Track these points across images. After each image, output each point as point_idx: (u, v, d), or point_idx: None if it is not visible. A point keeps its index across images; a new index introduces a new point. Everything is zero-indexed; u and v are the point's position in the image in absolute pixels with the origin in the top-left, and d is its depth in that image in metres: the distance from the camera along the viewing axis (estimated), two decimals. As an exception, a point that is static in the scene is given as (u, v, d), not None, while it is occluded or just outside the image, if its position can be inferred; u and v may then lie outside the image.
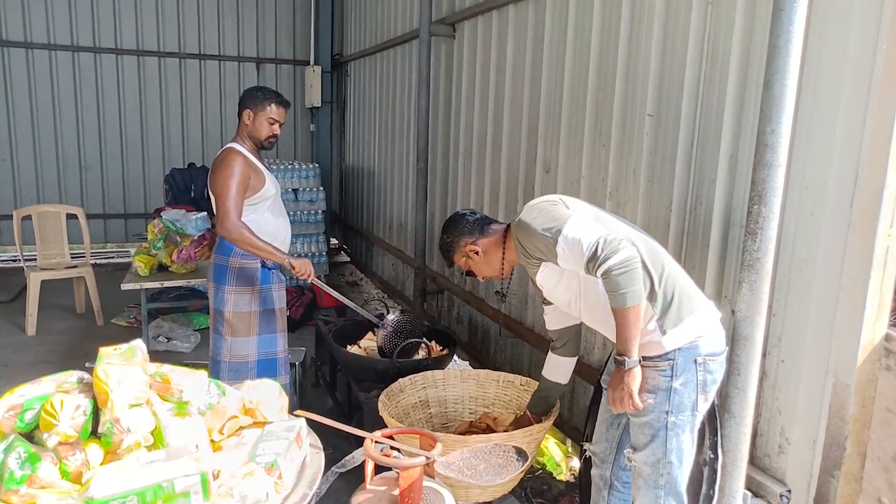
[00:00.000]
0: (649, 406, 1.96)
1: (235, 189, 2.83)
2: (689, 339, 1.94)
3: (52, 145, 7.60)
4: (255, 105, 2.97)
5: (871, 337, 1.92)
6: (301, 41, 8.36)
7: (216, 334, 3.05)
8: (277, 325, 3.10)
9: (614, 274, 1.80)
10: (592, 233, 1.87)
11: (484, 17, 4.12)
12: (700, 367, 1.95)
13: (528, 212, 2.07)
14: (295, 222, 6.42)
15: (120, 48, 7.65)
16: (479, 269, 2.29)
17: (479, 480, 1.81)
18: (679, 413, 1.96)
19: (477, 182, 4.30)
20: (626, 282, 1.80)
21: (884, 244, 1.86)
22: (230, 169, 2.84)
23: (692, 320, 1.95)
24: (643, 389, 1.96)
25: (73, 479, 1.48)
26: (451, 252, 2.32)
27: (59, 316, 5.56)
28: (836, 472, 1.99)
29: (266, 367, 3.04)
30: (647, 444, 2.00)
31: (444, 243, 2.34)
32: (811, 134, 2.00)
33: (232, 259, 2.97)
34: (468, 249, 2.26)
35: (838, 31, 1.92)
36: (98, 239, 7.74)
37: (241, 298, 2.99)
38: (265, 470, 1.55)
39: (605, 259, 1.80)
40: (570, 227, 1.91)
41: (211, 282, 3.04)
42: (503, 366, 3.98)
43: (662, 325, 1.93)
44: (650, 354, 1.97)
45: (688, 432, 1.98)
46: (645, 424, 2.00)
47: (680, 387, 1.94)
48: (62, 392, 1.54)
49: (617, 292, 1.81)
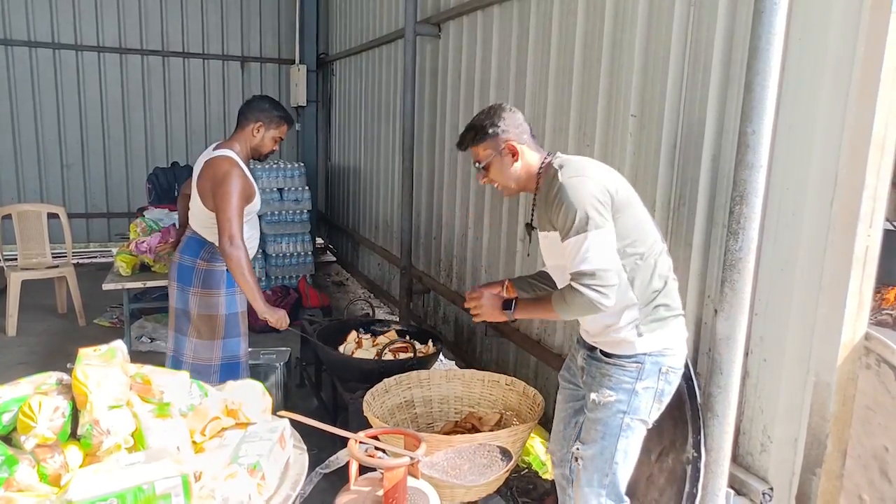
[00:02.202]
0: (608, 402, 1.97)
1: (239, 206, 2.73)
2: (659, 348, 1.96)
3: (33, 143, 7.50)
4: (269, 122, 2.89)
5: (851, 336, 1.94)
6: (286, 40, 8.31)
7: (178, 334, 2.97)
8: (241, 329, 3.02)
9: (577, 298, 1.83)
10: (601, 260, 1.82)
11: (469, 17, 4.12)
12: (663, 376, 1.97)
13: (580, 182, 1.87)
14: (280, 222, 6.41)
15: (102, 46, 7.57)
16: (500, 172, 2.03)
17: (463, 480, 1.81)
18: (634, 415, 1.97)
19: (462, 181, 4.30)
20: (574, 308, 1.87)
21: (863, 244, 1.89)
22: (236, 183, 2.72)
23: (668, 332, 1.98)
24: (606, 385, 1.98)
25: (51, 481, 1.46)
26: (484, 136, 2.02)
27: (40, 316, 5.48)
28: (818, 469, 2.01)
29: (228, 372, 2.95)
30: (597, 440, 2.00)
31: (484, 124, 2.02)
32: (792, 135, 2.02)
33: (199, 261, 2.89)
34: (508, 146, 2.00)
35: (818, 34, 1.94)
36: (80, 238, 7.65)
37: (207, 301, 2.91)
38: (248, 471, 1.54)
39: (587, 285, 1.81)
40: (594, 238, 1.82)
41: (174, 281, 2.95)
42: (489, 365, 3.98)
43: (639, 328, 1.95)
44: (620, 353, 1.98)
45: (636, 437, 2.00)
46: (599, 420, 2.00)
47: (642, 390, 1.96)
48: (40, 394, 1.52)
49: (565, 302, 1.88)
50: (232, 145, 2.88)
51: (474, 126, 2.05)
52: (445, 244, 4.61)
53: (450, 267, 4.53)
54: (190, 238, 2.94)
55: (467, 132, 2.07)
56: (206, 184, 2.79)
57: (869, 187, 1.85)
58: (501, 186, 2.08)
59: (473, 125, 2.06)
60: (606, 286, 1.81)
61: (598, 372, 2.02)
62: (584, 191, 1.85)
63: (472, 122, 2.07)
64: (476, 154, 2.06)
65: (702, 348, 2.38)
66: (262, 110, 2.90)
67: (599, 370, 2.02)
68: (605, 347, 2.03)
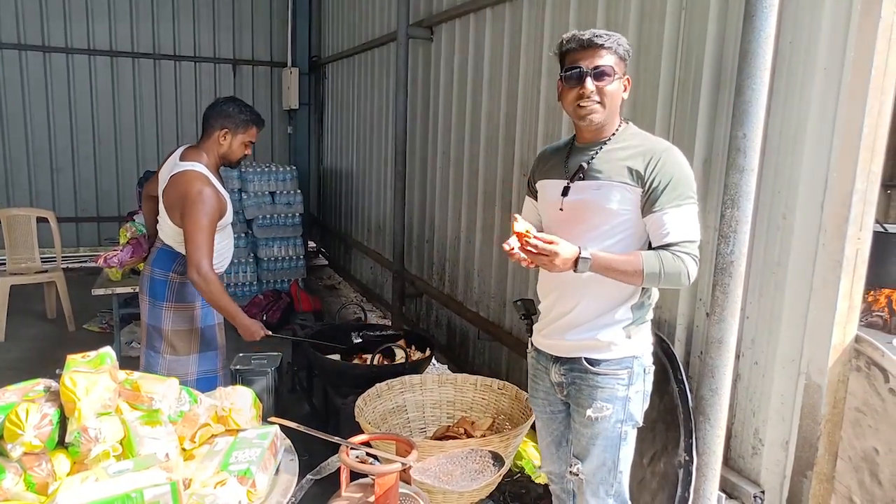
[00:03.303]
0: (606, 416, 1.89)
1: (209, 229, 2.58)
2: (642, 349, 1.92)
3: (23, 147, 7.44)
4: (236, 127, 2.70)
5: (841, 338, 1.95)
6: (278, 42, 8.29)
7: (151, 350, 2.82)
8: (217, 342, 2.90)
9: (678, 266, 1.72)
10: (699, 234, 1.79)
11: (461, 19, 4.13)
12: (647, 376, 1.93)
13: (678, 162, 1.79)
14: (272, 225, 6.38)
15: (93, 48, 7.52)
16: (613, 93, 1.80)
17: (455, 486, 1.80)
18: (629, 422, 1.91)
19: (455, 185, 4.30)
20: (670, 275, 1.73)
21: (853, 247, 1.90)
22: (206, 204, 2.56)
23: (647, 329, 1.94)
24: (599, 398, 1.88)
25: (38, 490, 1.45)
26: (626, 54, 1.82)
27: (29, 322, 5.43)
28: (809, 472, 2.02)
29: (205, 386, 2.70)
30: (598, 454, 1.93)
31: (624, 41, 1.81)
32: (782, 139, 2.03)
33: (172, 274, 2.74)
34: (627, 78, 1.86)
35: (808, 38, 1.95)
36: (70, 243, 7.59)
37: (180, 316, 2.76)
38: (238, 478, 1.52)
39: (692, 255, 1.74)
40: (696, 211, 1.79)
41: (146, 295, 2.79)
42: (481, 369, 3.98)
43: (628, 329, 1.88)
44: (608, 358, 1.88)
45: (632, 441, 1.95)
46: (598, 435, 1.91)
47: (634, 395, 1.90)
48: (27, 401, 1.51)
49: (661, 265, 1.72)
50: (199, 156, 2.68)
51: (613, 36, 1.80)
52: (438, 248, 4.60)
53: (442, 270, 4.53)
54: (161, 250, 2.78)
55: (609, 37, 1.79)
56: (174, 199, 2.62)
57: (859, 191, 1.86)
58: (597, 106, 1.80)
59: (612, 35, 1.80)
60: (698, 259, 1.77)
61: (585, 385, 1.91)
62: (687, 163, 1.82)
63: (611, 34, 1.81)
64: (608, 61, 1.78)
65: (693, 351, 2.38)
66: (227, 115, 2.69)
67: (587, 383, 1.90)
68: (588, 353, 1.89)
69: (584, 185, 1.86)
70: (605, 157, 1.84)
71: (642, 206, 1.79)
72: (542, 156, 2.08)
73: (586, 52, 1.79)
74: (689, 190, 1.77)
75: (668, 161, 1.78)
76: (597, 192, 1.83)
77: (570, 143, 1.97)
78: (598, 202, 1.83)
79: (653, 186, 1.76)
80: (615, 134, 1.87)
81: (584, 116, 1.82)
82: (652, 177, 1.77)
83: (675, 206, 1.75)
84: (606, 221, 1.82)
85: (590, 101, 1.79)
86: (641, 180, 1.78)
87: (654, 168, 1.77)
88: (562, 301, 1.94)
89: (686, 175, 1.79)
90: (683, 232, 1.75)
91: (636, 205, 1.80)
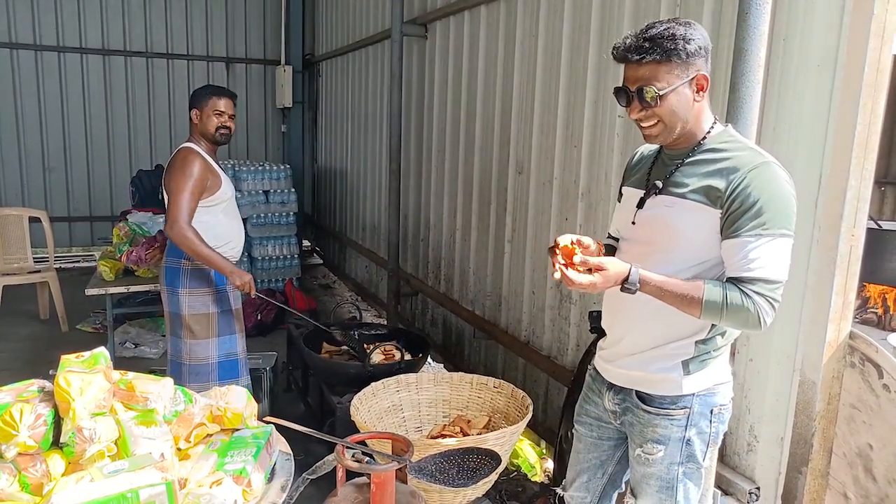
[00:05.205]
0: (657, 458, 1.69)
1: (190, 190, 2.78)
2: (709, 385, 1.66)
3: (14, 146, 7.40)
4: (199, 102, 2.95)
5: (835, 335, 1.96)
6: (271, 40, 8.26)
7: (174, 337, 3.00)
8: (236, 326, 3.07)
9: (747, 306, 1.47)
10: (785, 274, 1.50)
11: (456, 17, 4.12)
12: (715, 417, 1.68)
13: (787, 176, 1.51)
14: (266, 224, 6.36)
15: (85, 47, 7.49)
16: (676, 108, 1.53)
17: (451, 485, 1.80)
18: (689, 463, 1.69)
19: (450, 183, 4.30)
20: (732, 315, 1.49)
21: (847, 244, 1.90)
22: (189, 169, 2.80)
23: (719, 364, 1.67)
24: (650, 438, 1.68)
25: (33, 490, 1.44)
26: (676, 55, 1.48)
27: (21, 322, 5.40)
28: (804, 468, 2.03)
29: (227, 369, 3.01)
30: (652, 493, 1.74)
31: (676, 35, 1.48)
32: (776, 136, 2.04)
33: (184, 261, 2.91)
34: (699, 76, 1.53)
35: (801, 36, 1.96)
36: (62, 243, 7.55)
37: (197, 300, 2.94)
38: (233, 478, 1.52)
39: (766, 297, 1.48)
40: (787, 246, 1.49)
41: (164, 285, 2.99)
42: (477, 368, 3.98)
43: (688, 366, 1.63)
44: (662, 394, 1.66)
45: (696, 481, 1.73)
46: (651, 475, 1.72)
47: (694, 437, 1.67)
48: (22, 401, 1.50)
49: (725, 301, 1.48)
50: (189, 139, 2.97)
51: (663, 36, 1.48)
52: (433, 246, 4.60)
53: (438, 269, 4.52)
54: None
55: (651, 42, 1.49)
56: (168, 178, 2.86)
57: (852, 188, 1.87)
58: (655, 129, 1.57)
59: (662, 35, 1.48)
60: (778, 304, 1.50)
61: (637, 421, 1.71)
62: (789, 189, 1.50)
63: (660, 31, 1.49)
64: (653, 76, 1.50)
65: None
66: (193, 97, 2.99)
67: (639, 419, 1.71)
68: (642, 387, 1.69)
69: (659, 200, 1.63)
70: (687, 171, 1.59)
71: (721, 231, 1.53)
72: (634, 159, 1.85)
73: (628, 67, 1.55)
74: (779, 219, 1.47)
75: (757, 180, 1.48)
76: (669, 209, 1.59)
77: (660, 148, 1.73)
78: (668, 221, 1.59)
79: (732, 209, 1.49)
80: (705, 139, 1.60)
81: (646, 137, 1.61)
82: (733, 197, 1.49)
83: (755, 236, 1.47)
84: (677, 245, 1.59)
85: (647, 123, 1.57)
86: (720, 201, 1.51)
87: (737, 187, 1.49)
88: (617, 325, 1.75)
89: (779, 200, 1.48)
90: (763, 269, 1.47)
91: (713, 230, 1.54)
